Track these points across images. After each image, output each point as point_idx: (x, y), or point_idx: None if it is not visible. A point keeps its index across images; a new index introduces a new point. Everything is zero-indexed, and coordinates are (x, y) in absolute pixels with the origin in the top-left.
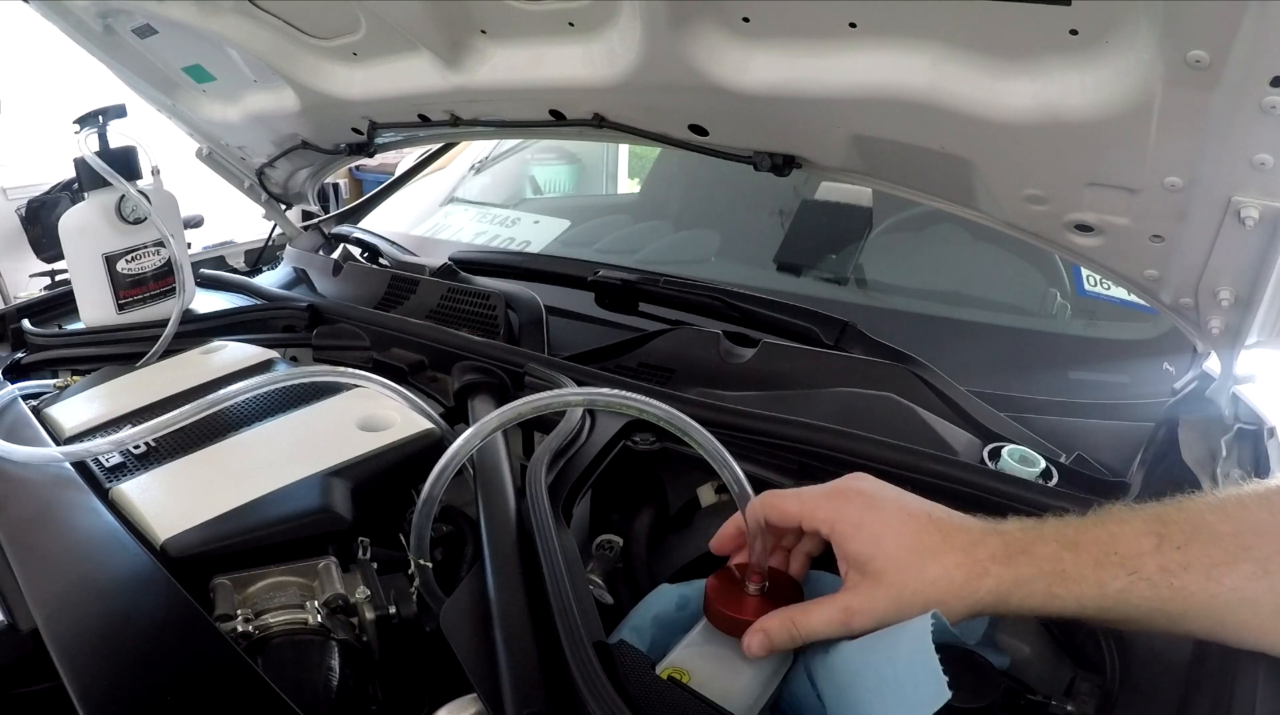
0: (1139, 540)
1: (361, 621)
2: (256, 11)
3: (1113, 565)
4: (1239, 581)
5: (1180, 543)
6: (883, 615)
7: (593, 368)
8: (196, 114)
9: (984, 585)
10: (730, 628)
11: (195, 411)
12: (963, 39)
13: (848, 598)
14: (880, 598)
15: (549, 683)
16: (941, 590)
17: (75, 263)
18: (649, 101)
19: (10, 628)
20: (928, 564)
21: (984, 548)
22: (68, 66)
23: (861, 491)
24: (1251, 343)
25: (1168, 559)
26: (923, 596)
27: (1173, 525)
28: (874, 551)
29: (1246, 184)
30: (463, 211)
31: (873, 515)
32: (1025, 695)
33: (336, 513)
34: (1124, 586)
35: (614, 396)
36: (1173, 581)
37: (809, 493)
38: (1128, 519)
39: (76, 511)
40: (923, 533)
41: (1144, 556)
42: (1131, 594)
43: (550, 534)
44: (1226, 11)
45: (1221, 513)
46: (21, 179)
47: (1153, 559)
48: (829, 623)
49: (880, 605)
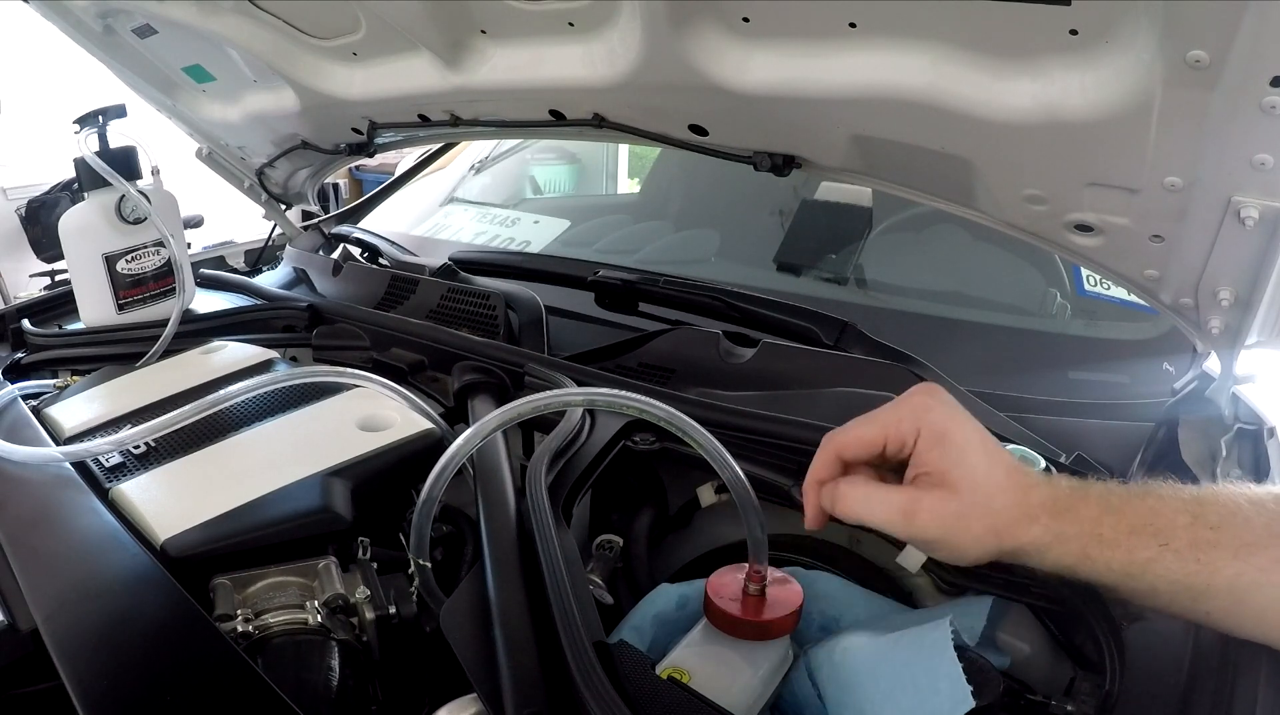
0: (1175, 516)
1: (361, 621)
2: (256, 11)
3: (1147, 535)
4: (1266, 564)
5: (1214, 524)
6: (941, 528)
7: (593, 368)
8: (196, 114)
9: (1031, 532)
10: (730, 628)
11: (195, 411)
12: (963, 39)
13: (918, 495)
14: (948, 509)
15: (549, 683)
16: (998, 523)
17: (75, 263)
18: (649, 101)
19: (10, 628)
20: (995, 495)
21: (1037, 495)
22: (68, 66)
23: (942, 401)
24: (1251, 343)
25: (1199, 536)
26: (982, 523)
27: (1209, 506)
28: (956, 463)
29: (1246, 184)
30: (463, 211)
31: (956, 427)
32: (1025, 695)
33: (336, 513)
34: (1152, 556)
35: (614, 396)
36: (1200, 556)
37: (884, 414)
38: (1168, 496)
39: (76, 511)
40: (995, 463)
41: (1178, 531)
42: (1158, 565)
43: (550, 534)
44: (1226, 11)
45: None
46: (21, 179)
47: (1185, 534)
48: (890, 513)
49: (945, 516)
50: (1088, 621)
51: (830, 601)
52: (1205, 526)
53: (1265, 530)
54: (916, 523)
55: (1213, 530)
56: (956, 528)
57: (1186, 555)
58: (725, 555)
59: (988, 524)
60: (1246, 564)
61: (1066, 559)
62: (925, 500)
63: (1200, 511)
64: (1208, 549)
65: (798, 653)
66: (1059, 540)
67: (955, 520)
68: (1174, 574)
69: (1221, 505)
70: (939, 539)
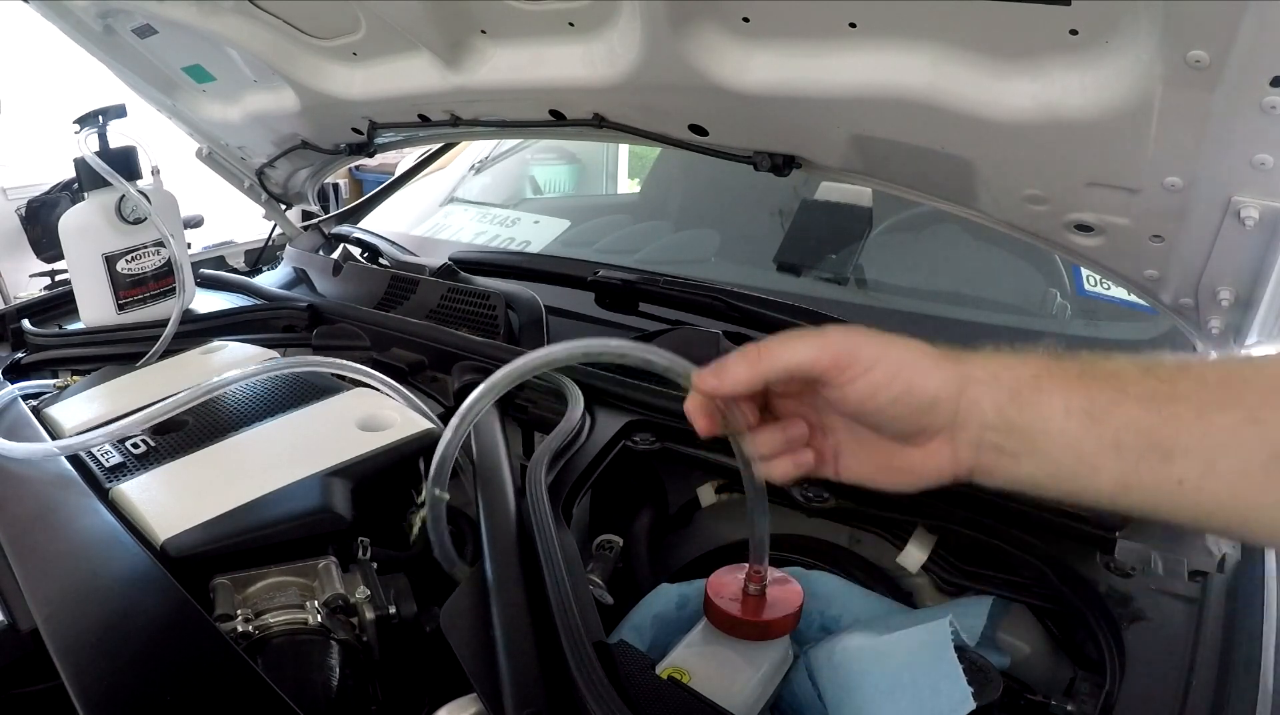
0: (1126, 366)
1: (361, 621)
2: (256, 11)
3: (1099, 378)
4: (1230, 424)
5: (1166, 377)
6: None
7: (593, 368)
8: (196, 114)
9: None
10: (730, 628)
11: (190, 399)
12: (963, 39)
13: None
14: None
15: (549, 683)
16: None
17: (75, 263)
18: (649, 101)
19: (10, 628)
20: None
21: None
22: (68, 66)
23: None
24: (1251, 343)
25: (1155, 387)
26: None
27: (1157, 364)
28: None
29: (1246, 184)
30: (463, 211)
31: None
32: (1025, 695)
33: (336, 513)
34: (1114, 399)
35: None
36: (1162, 408)
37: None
38: (1114, 356)
39: (76, 511)
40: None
41: (1130, 379)
42: (1121, 409)
43: (550, 534)
44: (1226, 11)
45: (1207, 363)
46: (21, 179)
47: (1139, 383)
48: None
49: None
50: (1088, 621)
51: (830, 601)
52: (1158, 379)
53: (1221, 389)
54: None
55: (1166, 383)
56: (906, 359)
57: (1148, 404)
58: (725, 555)
59: (936, 354)
60: (1212, 423)
61: (1023, 394)
62: (867, 343)
63: (1149, 366)
64: (1168, 401)
65: (798, 653)
66: (1012, 376)
67: (904, 351)
68: (1139, 422)
69: (1170, 362)
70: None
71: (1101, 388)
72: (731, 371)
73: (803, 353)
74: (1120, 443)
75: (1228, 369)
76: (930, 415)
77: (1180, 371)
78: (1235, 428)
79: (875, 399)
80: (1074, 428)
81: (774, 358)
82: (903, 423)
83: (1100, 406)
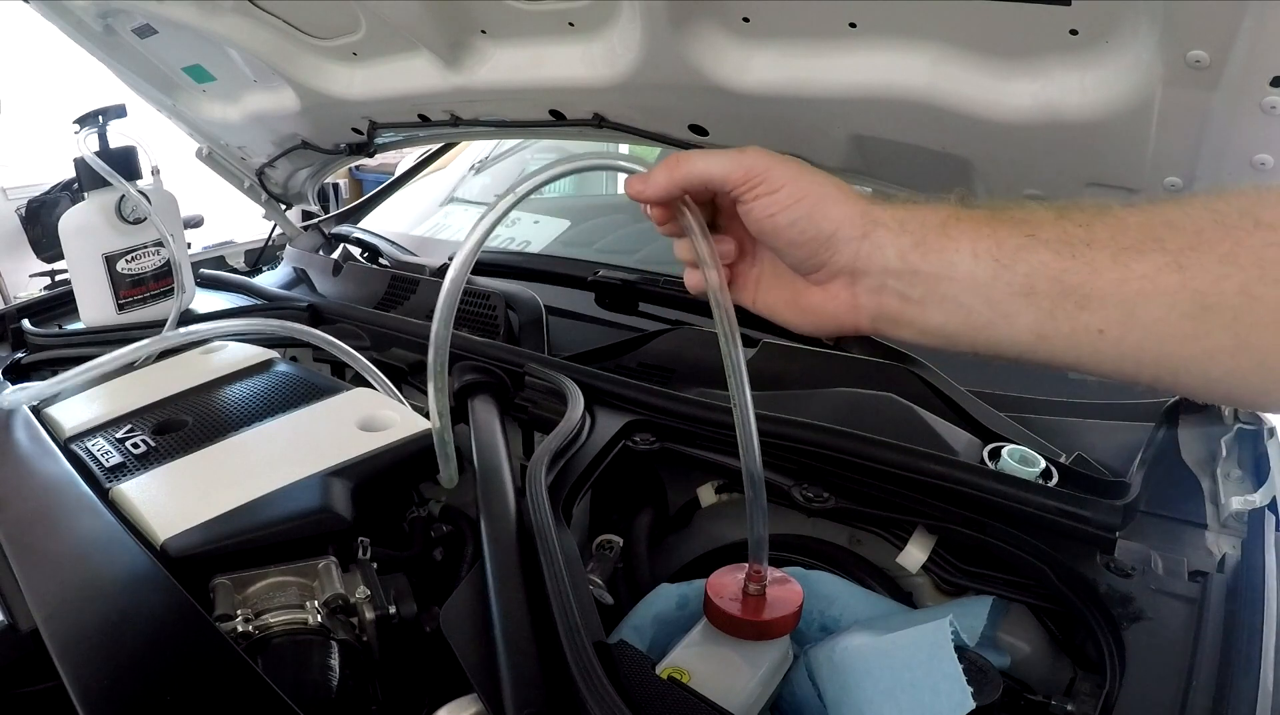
0: (1038, 211)
1: (361, 621)
2: (256, 11)
3: (1009, 223)
4: (1150, 270)
5: (1082, 222)
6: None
7: (593, 367)
8: (196, 114)
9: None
10: (730, 628)
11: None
12: (962, 39)
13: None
14: (799, 172)
15: (549, 683)
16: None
17: (75, 263)
18: (649, 101)
19: (10, 628)
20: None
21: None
22: (68, 66)
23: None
24: None
25: (1068, 231)
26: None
27: (1074, 209)
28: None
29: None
30: (463, 211)
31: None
32: (1025, 695)
33: (336, 513)
34: (1022, 244)
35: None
36: (1077, 254)
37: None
38: (1023, 202)
39: (76, 511)
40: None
41: (1043, 224)
42: (1029, 253)
43: (550, 534)
44: (1226, 11)
45: (1129, 207)
46: (21, 179)
47: (1053, 227)
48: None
49: (794, 175)
50: (1088, 621)
51: (830, 601)
52: (1073, 223)
53: (1143, 231)
54: (773, 173)
55: (1082, 228)
56: (814, 187)
57: (1060, 249)
58: (725, 555)
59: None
60: (1129, 269)
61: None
62: (781, 165)
63: (1064, 210)
64: (1082, 247)
65: (798, 653)
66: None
67: (815, 180)
68: (1050, 267)
69: (1088, 207)
70: (794, 195)
71: (1011, 232)
72: (653, 178)
73: (717, 165)
74: (1032, 289)
75: (1150, 213)
76: (829, 249)
77: (1098, 216)
78: (1155, 274)
79: (776, 219)
80: (981, 272)
81: (691, 166)
82: (801, 250)
83: (1009, 250)
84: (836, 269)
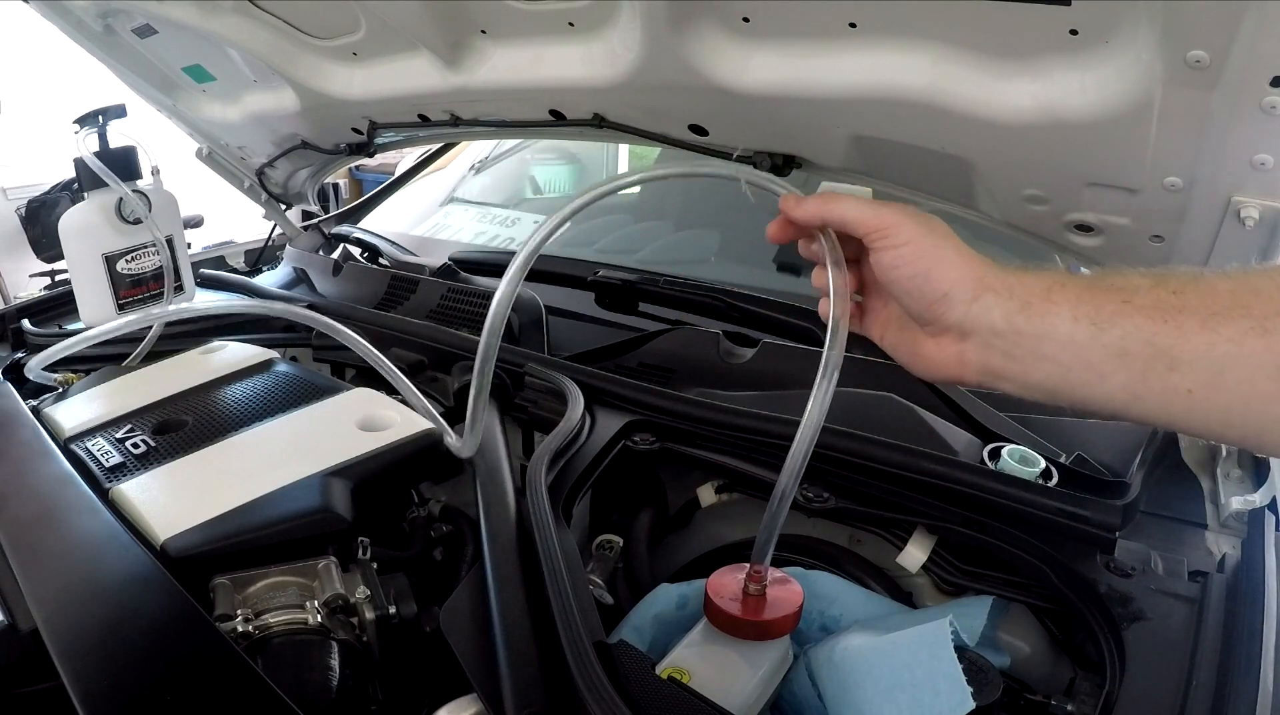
0: (1135, 278)
1: (361, 621)
2: (256, 11)
3: (1107, 290)
4: (1236, 335)
5: (1176, 288)
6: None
7: (593, 367)
8: (196, 114)
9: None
10: (730, 628)
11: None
12: (963, 39)
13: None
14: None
15: (549, 683)
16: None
17: (75, 263)
18: (649, 101)
19: (10, 628)
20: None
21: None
22: (68, 66)
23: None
24: None
25: (1162, 298)
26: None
27: (1169, 276)
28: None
29: (1246, 184)
30: (463, 211)
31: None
32: (1025, 695)
33: (336, 513)
34: (1118, 310)
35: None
36: (1168, 318)
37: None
38: (1124, 271)
39: (76, 511)
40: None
41: (1139, 290)
42: (1125, 319)
43: (550, 534)
44: (1226, 11)
45: (1221, 273)
46: (21, 179)
47: (1148, 294)
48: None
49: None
50: (1088, 621)
51: (830, 601)
52: (1167, 290)
53: (1231, 298)
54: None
55: (1175, 294)
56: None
57: (1153, 314)
58: (725, 555)
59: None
60: (1218, 334)
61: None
62: (911, 222)
63: (1161, 278)
64: (1174, 312)
65: (798, 653)
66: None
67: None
68: (1143, 331)
69: (1182, 274)
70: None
71: (1109, 298)
72: (807, 203)
73: (857, 212)
74: (1126, 351)
75: (1240, 280)
76: (942, 306)
77: (1190, 283)
78: (1241, 338)
79: (898, 272)
80: (1080, 335)
81: (839, 205)
82: (915, 302)
83: (1105, 315)
84: (947, 325)
